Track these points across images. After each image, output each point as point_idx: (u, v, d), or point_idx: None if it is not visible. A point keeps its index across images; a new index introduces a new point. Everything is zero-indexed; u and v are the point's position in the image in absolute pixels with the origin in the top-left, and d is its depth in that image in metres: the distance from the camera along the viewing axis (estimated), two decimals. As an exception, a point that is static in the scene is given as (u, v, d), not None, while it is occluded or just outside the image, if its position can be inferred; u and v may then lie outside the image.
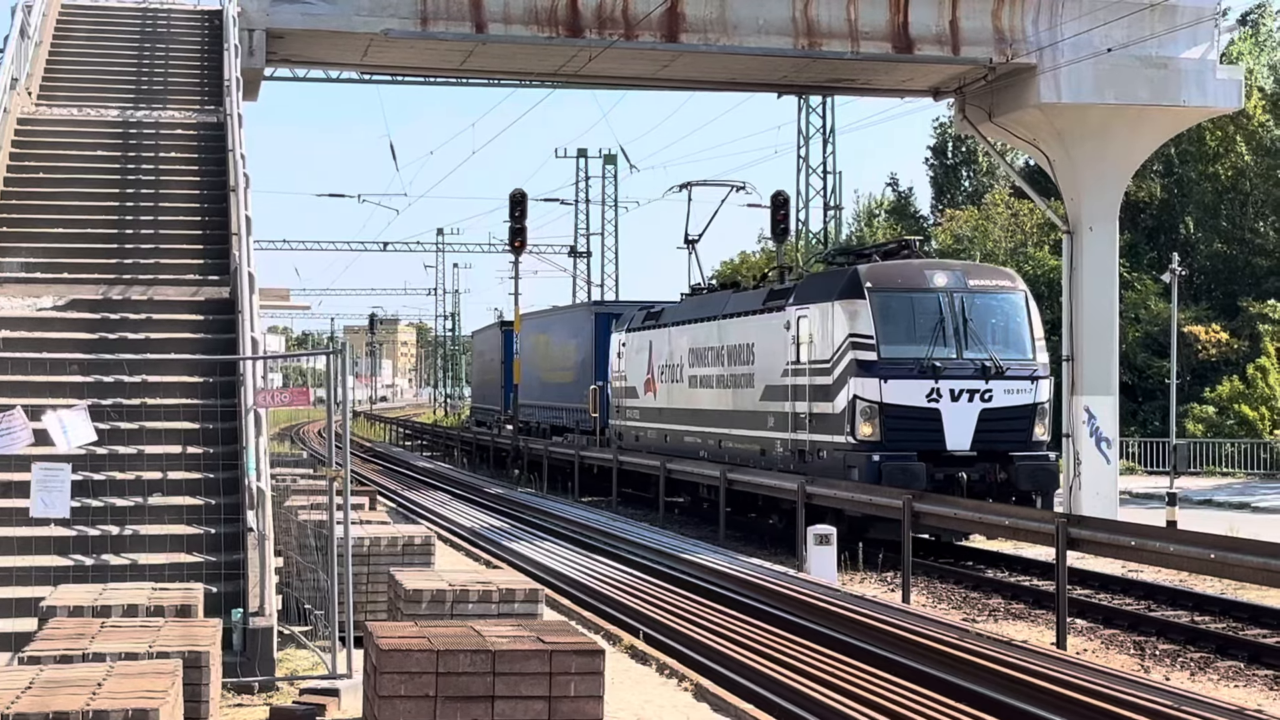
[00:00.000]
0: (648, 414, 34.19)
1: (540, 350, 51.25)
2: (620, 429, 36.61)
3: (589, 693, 8.39)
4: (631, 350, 35.73)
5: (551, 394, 48.51)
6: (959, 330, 23.98)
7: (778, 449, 26.27)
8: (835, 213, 54.32)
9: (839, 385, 24.00)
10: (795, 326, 25.70)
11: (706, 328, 30.48)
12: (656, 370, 33.58)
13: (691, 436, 31.07)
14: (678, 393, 32.06)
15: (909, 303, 24.16)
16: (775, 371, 26.43)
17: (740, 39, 33.02)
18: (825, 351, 24.53)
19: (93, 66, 24.71)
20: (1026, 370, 24.07)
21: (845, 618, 16.71)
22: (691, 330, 31.46)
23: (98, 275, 17.85)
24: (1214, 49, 34.31)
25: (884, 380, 23.47)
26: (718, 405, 29.48)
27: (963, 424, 23.44)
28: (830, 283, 25.45)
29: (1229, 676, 15.20)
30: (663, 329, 33.53)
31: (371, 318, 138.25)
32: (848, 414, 23.69)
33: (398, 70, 38.00)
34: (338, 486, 12.43)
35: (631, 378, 35.61)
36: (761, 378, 27.13)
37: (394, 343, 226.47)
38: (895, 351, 23.74)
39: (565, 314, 51.47)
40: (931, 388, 23.49)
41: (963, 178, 75.59)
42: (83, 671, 7.88)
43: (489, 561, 22.11)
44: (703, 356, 30.45)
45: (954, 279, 24.47)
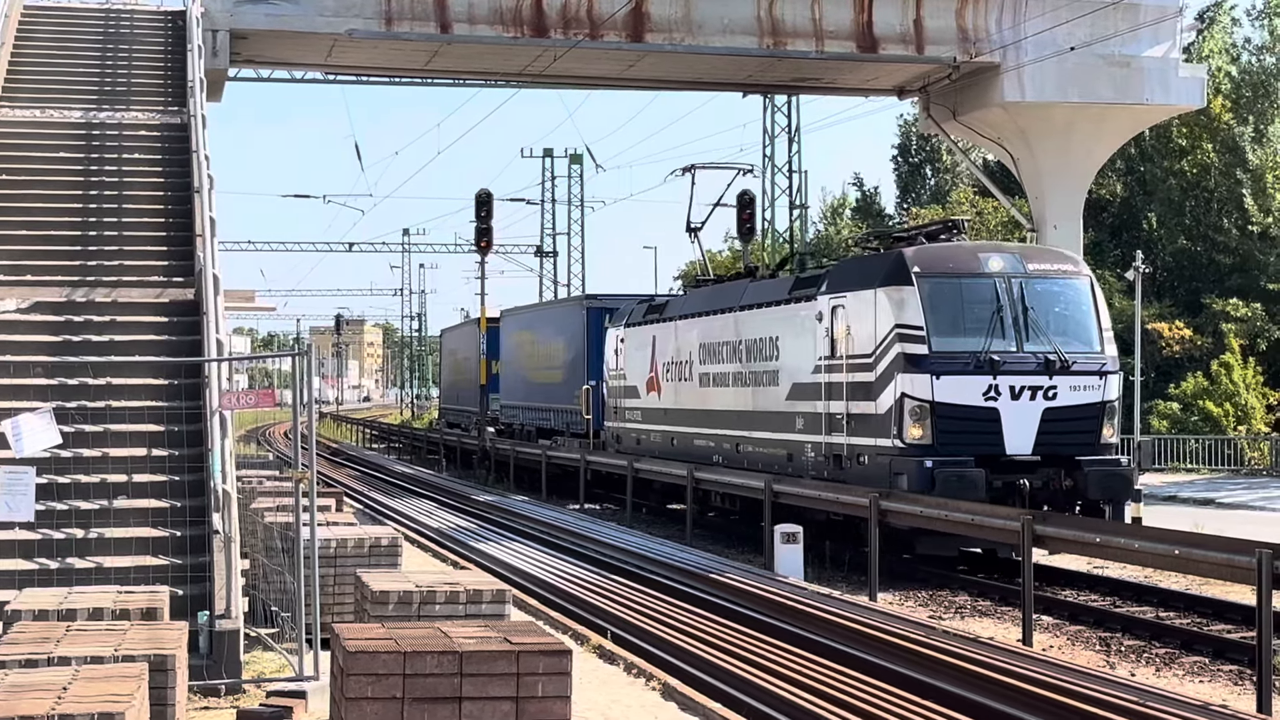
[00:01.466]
0: (651, 415, 31.71)
1: (525, 348, 48.73)
2: (618, 431, 34.01)
3: (556, 693, 8.39)
4: (631, 347, 33.20)
5: (538, 394, 45.95)
6: (1018, 320, 21.66)
7: (808, 454, 23.81)
8: (801, 211, 54.42)
9: (883, 382, 21.66)
10: (829, 317, 23.20)
11: (720, 320, 28.04)
12: (661, 368, 31.07)
13: (703, 440, 28.61)
14: (687, 392, 29.62)
15: (962, 289, 21.85)
16: (804, 368, 24.00)
17: (705, 39, 33.11)
18: (866, 345, 22.17)
19: (55, 68, 24.61)
20: (1094, 364, 21.74)
21: (813, 616, 16.75)
22: (702, 324, 29.00)
23: (61, 277, 17.78)
24: (1176, 48, 34.51)
25: (936, 376, 21.17)
26: (735, 405, 27.10)
27: (1024, 425, 21.23)
28: (870, 268, 22.95)
29: (1194, 672, 15.28)
30: (668, 323, 30.96)
31: (337, 319, 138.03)
32: (894, 414, 21.38)
33: (362, 70, 38.00)
34: (304, 488, 12.41)
35: (631, 376, 33.02)
36: (788, 375, 24.70)
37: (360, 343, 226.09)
38: (948, 344, 21.42)
39: (553, 309, 48.55)
40: (989, 384, 21.23)
41: (927, 176, 75.84)
42: (48, 675, 7.85)
43: (456, 562, 22.10)
44: (716, 352, 28.05)
45: (1011, 263, 22.11)
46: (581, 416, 38.43)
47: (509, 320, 51.56)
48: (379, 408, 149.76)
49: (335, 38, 32.33)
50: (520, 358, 48.84)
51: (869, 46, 33.57)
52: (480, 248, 50.35)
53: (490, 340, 51.31)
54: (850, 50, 33.63)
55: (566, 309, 44.29)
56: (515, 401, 48.77)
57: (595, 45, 32.89)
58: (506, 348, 50.14)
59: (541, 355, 45.82)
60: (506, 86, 41.41)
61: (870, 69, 35.38)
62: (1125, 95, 33.77)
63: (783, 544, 21.09)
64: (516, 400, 48.69)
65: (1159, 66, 33.93)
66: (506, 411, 49.41)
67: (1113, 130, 35.49)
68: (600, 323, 38.31)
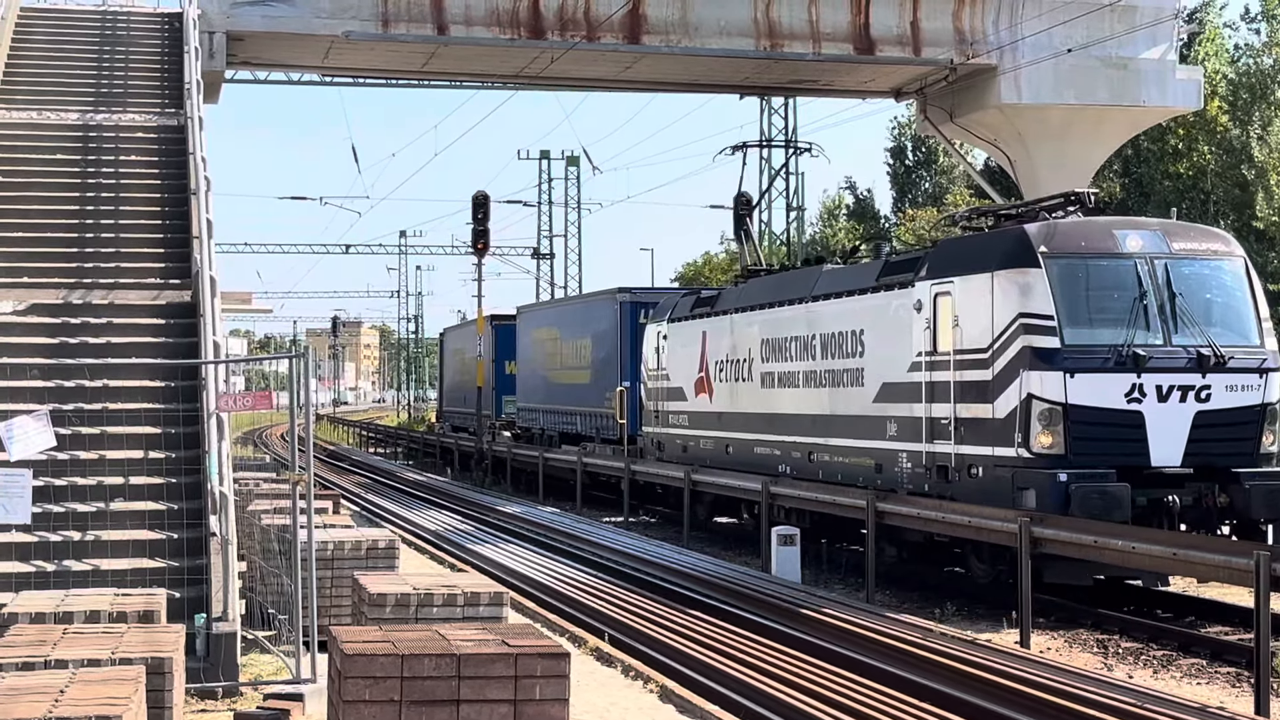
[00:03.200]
0: (700, 420, 28.74)
1: (546, 347, 44.86)
2: (659, 438, 30.97)
3: (554, 695, 8.39)
4: (675, 344, 30.17)
5: (561, 396, 42.46)
6: (1164, 308, 18.79)
7: (903, 464, 20.81)
8: (798, 213, 54.43)
9: (1004, 381, 18.75)
10: (931, 306, 20.29)
11: (788, 313, 24.99)
12: (713, 367, 28.07)
13: (766, 448, 25.53)
14: (745, 394, 26.58)
15: (1098, 272, 18.97)
16: (899, 365, 21.00)
17: (702, 40, 33.12)
18: (980, 337, 19.25)
19: (52, 70, 24.60)
20: (1253, 360, 18.82)
21: (810, 618, 16.75)
22: (765, 317, 25.94)
23: (58, 279, 17.78)
24: (1173, 50, 34.54)
25: (1069, 374, 18.31)
26: (807, 409, 24.07)
27: (1172, 431, 18.34)
28: (985, 248, 20.00)
29: (1191, 674, 15.28)
30: (721, 317, 28.01)
31: (334, 320, 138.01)
32: (1018, 418, 18.49)
33: (359, 72, 38.00)
34: (301, 490, 12.40)
35: (676, 376, 30.05)
36: (877, 373, 21.71)
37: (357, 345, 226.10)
38: (1083, 336, 18.59)
39: (580, 304, 44.43)
40: (1132, 384, 18.32)
41: (923, 178, 75.84)
42: (45, 678, 7.84)
43: (453, 565, 22.09)
44: (782, 349, 25.06)
45: (1153, 241, 19.26)
46: (615, 421, 35.69)
47: (527, 317, 48.63)
48: (374, 409, 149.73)
49: (332, 39, 32.33)
50: (541, 357, 45.52)
51: (866, 48, 33.58)
52: (477, 249, 50.40)
53: (503, 339, 49.56)
54: (847, 52, 33.64)
55: (597, 303, 40.81)
56: (535, 404, 45.67)
57: (592, 47, 32.89)
58: (524, 346, 47.39)
59: (567, 354, 42.50)
60: (503, 88, 41.41)
61: (867, 71, 35.38)
62: (1122, 97, 33.79)
63: (780, 546, 21.08)
64: (536, 403, 45.52)
65: (1156, 68, 33.95)
66: (524, 415, 46.66)
67: (1110, 132, 35.51)
68: (636, 318, 35.72)
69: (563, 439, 41.11)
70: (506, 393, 49.67)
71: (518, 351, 47.85)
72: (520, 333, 47.80)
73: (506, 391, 49.68)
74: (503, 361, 50.33)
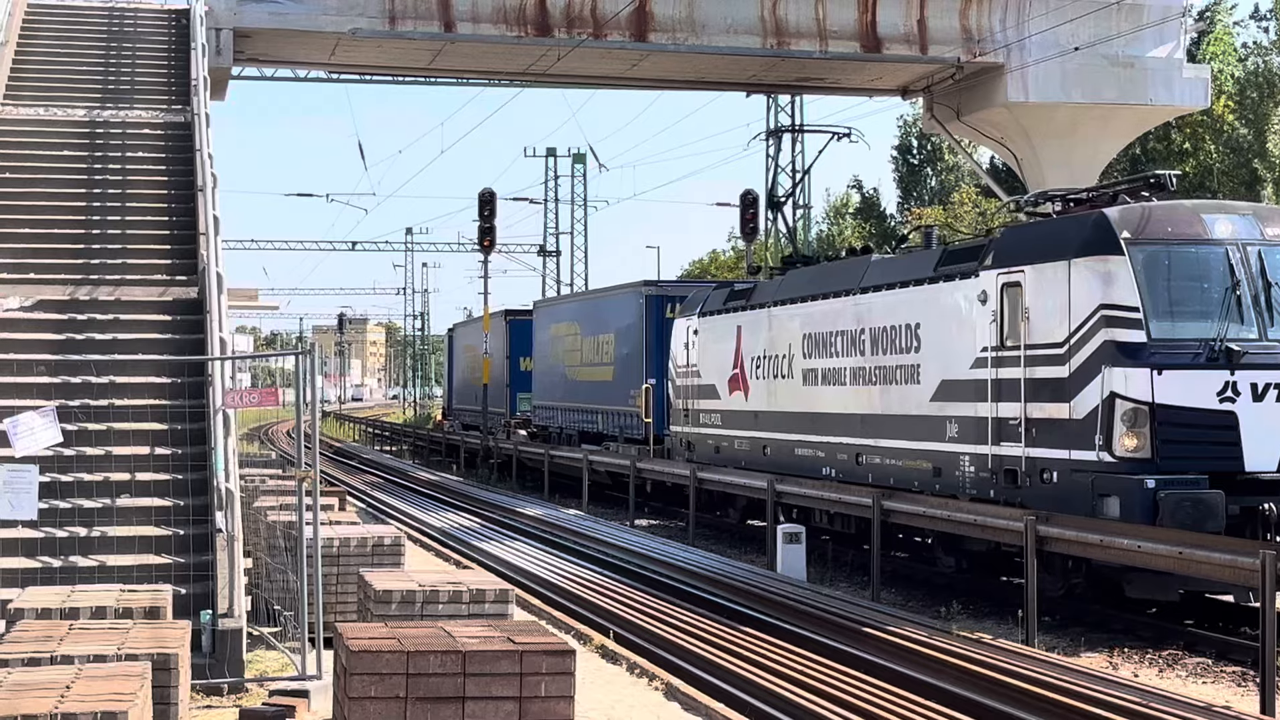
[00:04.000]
0: (734, 419, 27.19)
1: (565, 342, 42.82)
2: (689, 437, 29.47)
3: (560, 693, 8.39)
4: (708, 339, 28.69)
5: (581, 394, 40.59)
6: (1259, 299, 17.37)
7: (965, 467, 19.45)
8: (804, 211, 54.39)
9: (1083, 378, 17.38)
10: (997, 297, 18.88)
11: (833, 306, 23.49)
12: (749, 363, 26.58)
13: (808, 449, 24.01)
14: (785, 391, 25.04)
15: (1187, 260, 17.53)
16: (961, 360, 19.66)
17: (709, 38, 33.14)
18: (1055, 330, 17.85)
19: (59, 66, 24.62)
20: None
21: (815, 616, 16.75)
22: (807, 310, 24.44)
23: (65, 276, 17.79)
24: (1180, 48, 34.52)
25: (1157, 371, 16.92)
26: (855, 408, 22.61)
27: (1268, 433, 16.97)
28: (1060, 234, 18.53)
29: (1197, 674, 15.27)
30: (758, 310, 26.46)
31: (340, 317, 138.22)
32: (1099, 419, 17.09)
33: (366, 69, 38.01)
34: (307, 487, 12.41)
35: (708, 373, 28.61)
36: (935, 370, 20.33)
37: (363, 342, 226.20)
38: (1171, 330, 17.19)
39: (603, 298, 42.00)
40: (1225, 381, 16.94)
41: (929, 176, 75.82)
42: (51, 674, 7.85)
43: (459, 562, 22.10)
44: (827, 344, 23.54)
45: (1244, 227, 17.85)
46: (640, 420, 33.83)
47: (545, 312, 46.90)
48: (380, 406, 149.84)
49: (339, 37, 32.35)
50: (559, 353, 43.37)
51: (873, 46, 33.58)
52: (483, 247, 50.42)
53: (518, 335, 48.34)
54: (854, 50, 33.64)
55: (620, 297, 38.89)
56: (552, 402, 43.72)
57: (599, 45, 32.90)
58: (541, 342, 45.48)
59: (587, 350, 40.49)
60: (510, 86, 41.41)
61: (874, 69, 35.37)
62: (1129, 96, 33.76)
63: (785, 544, 21.09)
64: (554, 400, 43.52)
65: (1163, 67, 33.92)
66: (540, 413, 44.77)
67: (1117, 131, 35.48)
68: (662, 312, 34.17)
69: (583, 438, 39.56)
70: (522, 390, 48.37)
71: (534, 347, 46.41)
72: (537, 328, 46.36)
73: (522, 389, 48.38)
74: (517, 358, 48.98)
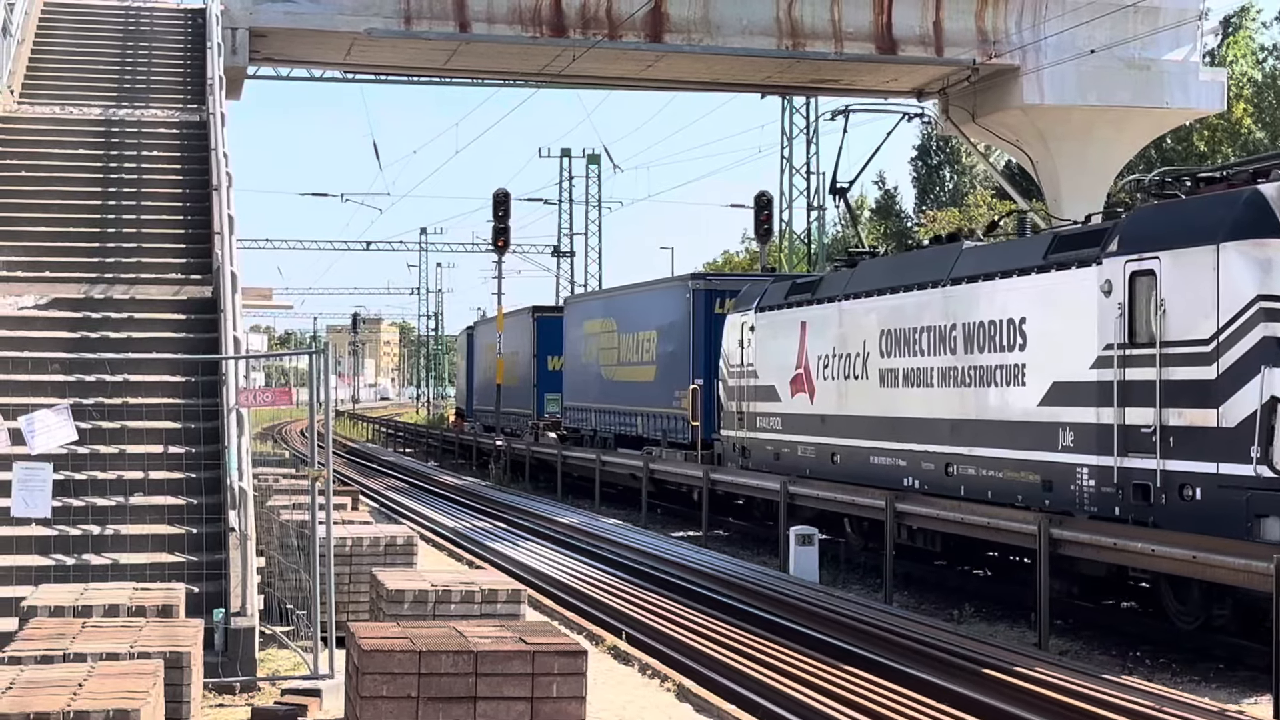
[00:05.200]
0: (798, 423, 24.82)
1: (600, 340, 40.37)
2: (743, 442, 27.21)
3: (571, 693, 8.39)
4: (766, 336, 26.40)
5: (619, 395, 38.19)
6: None
7: (1083, 481, 17.12)
8: (819, 213, 54.36)
9: (1236, 379, 15.20)
10: (1125, 288, 16.64)
11: (917, 299, 21.22)
12: (814, 363, 24.21)
13: (885, 457, 21.69)
14: (858, 394, 22.71)
15: None
16: (1077, 359, 17.30)
17: (724, 39, 33.15)
18: (1200, 325, 15.66)
19: (75, 65, 24.68)
20: None
21: (828, 618, 16.73)
22: (886, 304, 22.13)
23: (80, 274, 17.82)
24: (1196, 51, 34.46)
25: None
26: (943, 412, 20.27)
27: None
28: (1203, 215, 16.17)
29: (1209, 678, 15.23)
30: (826, 305, 24.14)
31: (354, 317, 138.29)
32: (1257, 427, 14.88)
33: (381, 69, 38.07)
34: (320, 486, 12.41)
35: (766, 373, 26.28)
36: (1044, 370, 18.04)
37: (377, 342, 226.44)
38: None
39: (644, 293, 39.08)
40: None
41: (946, 178, 75.76)
42: (63, 672, 7.86)
43: (471, 562, 22.10)
44: (909, 341, 21.27)
45: None
46: (686, 422, 31.87)
47: (577, 308, 44.60)
48: (395, 406, 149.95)
49: (354, 36, 32.41)
50: (593, 351, 40.99)
51: (888, 48, 33.56)
52: (497, 247, 50.48)
53: (546, 333, 46.69)
54: (869, 52, 33.63)
55: (664, 292, 36.55)
56: (585, 403, 41.37)
57: (614, 45, 32.91)
58: (573, 340, 43.18)
59: (626, 348, 38.02)
60: (525, 86, 41.44)
61: (889, 70, 35.34)
62: (1145, 98, 33.71)
63: (798, 546, 21.06)
64: (588, 401, 41.17)
65: (1179, 70, 33.86)
66: (573, 415, 42.53)
67: (1132, 133, 35.43)
68: (711, 308, 32.08)
69: (619, 442, 37.32)
70: (549, 390, 46.51)
71: (565, 346, 44.19)
72: (568, 325, 44.04)
73: (550, 389, 46.48)
74: (545, 357, 47.10)
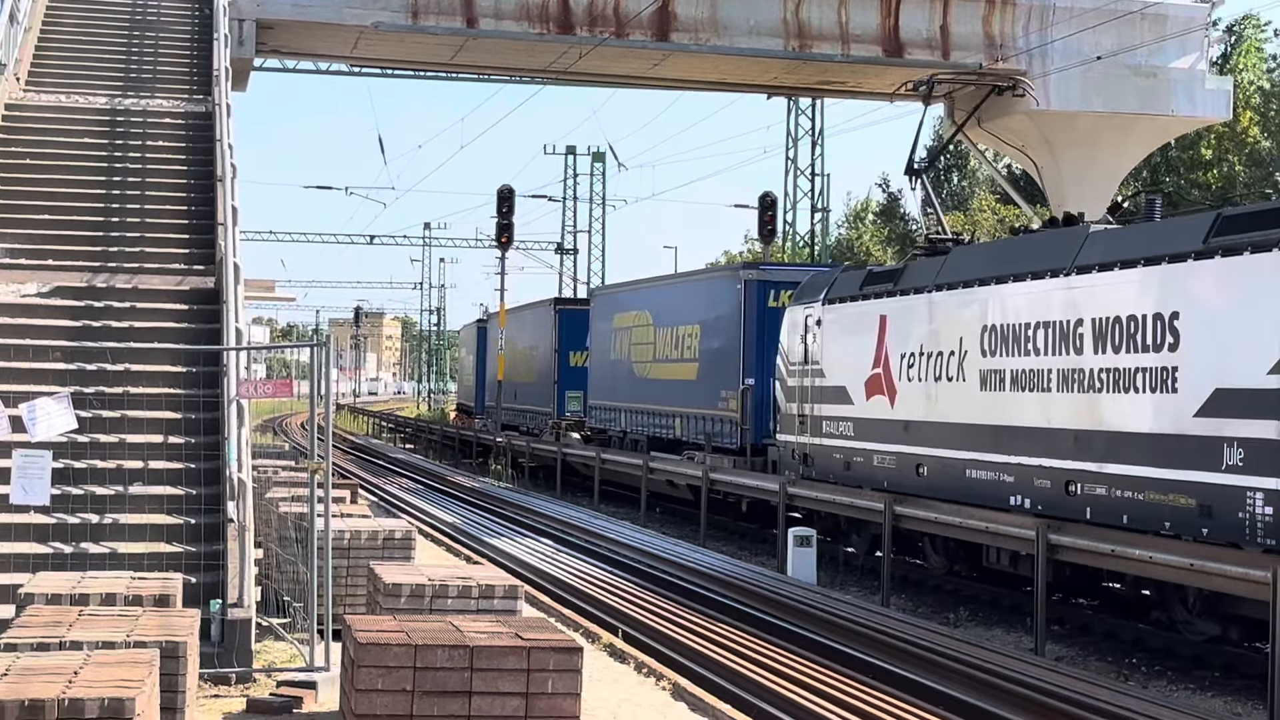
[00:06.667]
0: (873, 429, 22.12)
1: (633, 335, 37.38)
2: (805, 449, 24.26)
3: (566, 690, 8.39)
4: (836, 332, 23.74)
5: (653, 394, 35.34)
6: None
7: (1256, 508, 14.47)
8: (823, 215, 54.35)
9: None
10: None
11: (1031, 290, 18.47)
12: (897, 361, 21.60)
13: (987, 470, 19.01)
14: (952, 397, 20.05)
15: None
16: (1248, 363, 14.72)
17: (731, 39, 33.17)
18: None
19: (82, 53, 24.67)
20: None
21: (824, 619, 16.74)
22: (990, 296, 19.43)
23: (83, 262, 17.82)
24: (1203, 59, 34.48)
25: None
26: (1063, 421, 17.50)
27: None
28: None
29: (1205, 686, 15.23)
30: (913, 296, 21.43)
31: (357, 311, 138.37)
32: None
33: (388, 64, 38.12)
34: (319, 479, 12.42)
35: (835, 373, 23.54)
36: (1204, 374, 15.33)
37: (379, 336, 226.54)
38: None
39: (686, 284, 36.19)
40: None
41: (952, 182, 75.73)
42: (59, 659, 7.86)
43: (469, 557, 22.11)
44: (1021, 338, 18.54)
45: None
46: (734, 425, 29.67)
47: (606, 300, 41.21)
48: (395, 400, 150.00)
49: (361, 30, 32.42)
50: (623, 347, 37.98)
51: (894, 51, 33.57)
52: (501, 243, 50.49)
53: (568, 326, 44.66)
54: (876, 54, 33.65)
55: (710, 282, 33.85)
56: (614, 402, 38.47)
57: (621, 44, 32.92)
58: (600, 334, 40.34)
59: (663, 344, 35.06)
60: (530, 83, 41.45)
61: (895, 73, 35.30)
62: (1151, 106, 33.73)
63: (796, 547, 21.06)
64: (616, 400, 38.29)
65: (1185, 78, 33.88)
66: (598, 414, 39.97)
67: (1138, 140, 35.44)
68: (764, 301, 29.68)
69: (653, 445, 34.50)
70: (571, 388, 44.12)
71: (591, 340, 41.32)
72: (596, 318, 41.11)
73: (571, 386, 44.11)
74: (567, 352, 44.75)
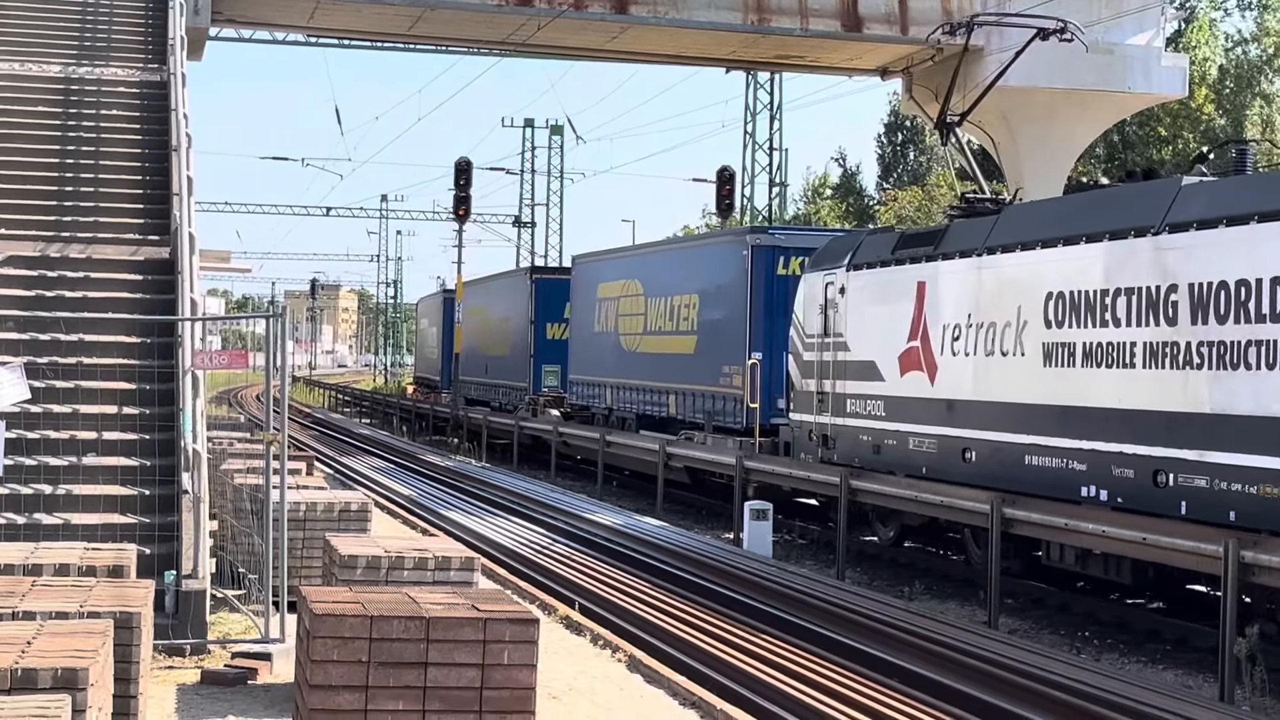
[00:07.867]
0: (908, 409, 20.06)
1: (620, 305, 34.77)
2: (826, 430, 22.19)
3: (522, 661, 8.39)
4: (862, 300, 21.62)
5: (644, 369, 32.74)
6: None
7: None
8: (781, 189, 54.37)
9: None
10: None
11: (1110, 251, 16.30)
12: (937, 333, 19.55)
13: (1052, 457, 16.96)
14: (1007, 373, 17.94)
15: None
16: None
17: (689, 13, 33.14)
18: None
19: (35, 22, 24.44)
20: None
21: (780, 592, 16.80)
22: (1057, 259, 17.23)
23: (36, 232, 17.69)
24: (1159, 36, 34.66)
25: None
26: (1151, 402, 15.45)
27: None
28: None
29: (1157, 659, 15.36)
30: (958, 260, 19.33)
31: (313, 283, 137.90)
32: None
33: (345, 34, 37.92)
34: (274, 451, 12.38)
35: (862, 346, 21.45)
36: None
37: (335, 309, 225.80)
38: None
39: (684, 250, 34.16)
40: None
41: (910, 157, 75.87)
42: (12, 629, 7.82)
43: (425, 529, 22.09)
44: (1098, 307, 16.34)
45: None
46: (739, 403, 27.32)
47: (589, 268, 38.08)
48: (351, 373, 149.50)
49: (318, 0, 32.23)
50: (609, 318, 35.45)
51: (853, 25, 33.60)
52: (458, 216, 50.37)
53: (546, 296, 42.52)
54: (834, 29, 33.67)
55: (711, 248, 31.62)
56: (599, 377, 35.83)
57: (579, 16, 32.84)
58: (582, 305, 37.64)
59: (655, 315, 32.54)
60: (489, 55, 41.32)
61: (853, 48, 35.40)
62: (1108, 83, 33.87)
63: (752, 520, 21.13)
64: (601, 375, 35.70)
65: (1141, 55, 34.04)
66: (580, 390, 37.23)
67: (1094, 117, 35.59)
68: (772, 268, 27.47)
69: (642, 423, 32.35)
70: (548, 362, 42.15)
71: (573, 311, 38.75)
72: (577, 288, 38.46)
73: (548, 360, 42.12)
74: (544, 324, 42.79)
